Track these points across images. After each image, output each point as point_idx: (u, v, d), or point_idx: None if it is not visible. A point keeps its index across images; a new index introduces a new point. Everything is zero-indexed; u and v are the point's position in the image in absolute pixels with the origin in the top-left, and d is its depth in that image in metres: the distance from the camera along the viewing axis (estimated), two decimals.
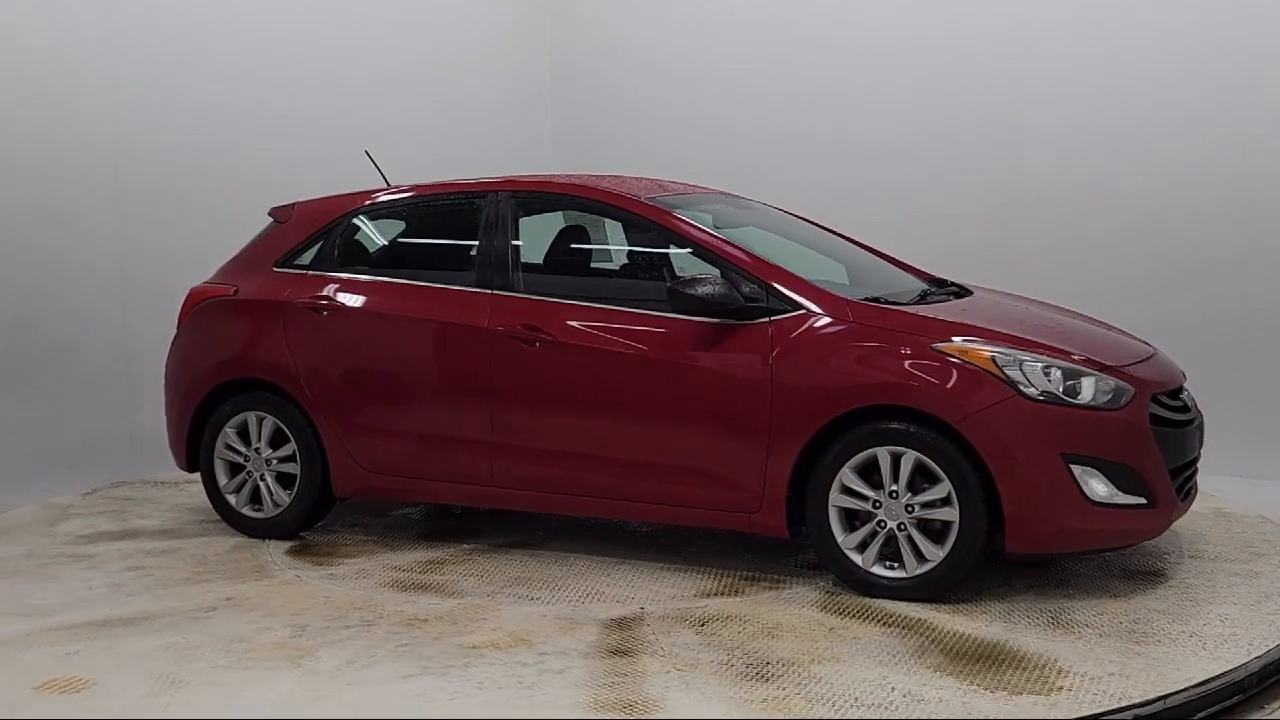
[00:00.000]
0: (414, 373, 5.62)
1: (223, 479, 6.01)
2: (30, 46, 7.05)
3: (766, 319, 5.02)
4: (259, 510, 5.95)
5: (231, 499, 5.99)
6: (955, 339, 4.84)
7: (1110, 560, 5.29)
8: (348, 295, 5.76)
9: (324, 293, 5.80)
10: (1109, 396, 4.75)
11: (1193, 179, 7.06)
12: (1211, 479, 5.78)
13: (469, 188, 5.86)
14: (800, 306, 5.00)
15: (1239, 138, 6.88)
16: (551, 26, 9.63)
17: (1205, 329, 7.06)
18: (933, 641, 4.38)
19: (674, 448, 5.14)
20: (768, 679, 4.06)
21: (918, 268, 5.97)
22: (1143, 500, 4.75)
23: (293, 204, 6.19)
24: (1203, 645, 4.31)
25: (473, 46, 9.27)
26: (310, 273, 5.91)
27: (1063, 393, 4.71)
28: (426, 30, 8.93)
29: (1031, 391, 4.67)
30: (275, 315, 5.87)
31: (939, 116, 7.77)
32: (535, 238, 5.81)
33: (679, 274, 5.19)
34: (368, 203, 6.00)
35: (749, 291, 5.04)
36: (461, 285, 5.60)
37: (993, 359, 4.73)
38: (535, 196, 5.74)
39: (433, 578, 5.28)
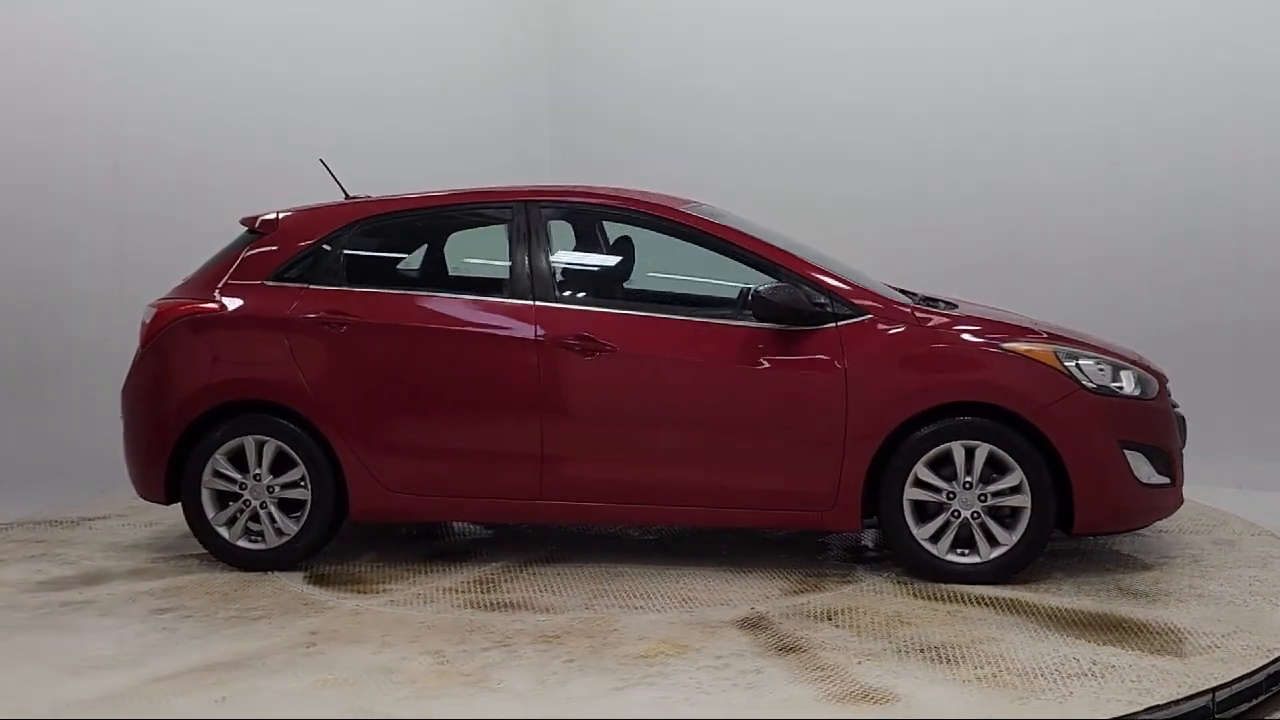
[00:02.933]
0: (450, 387, 5.44)
1: (211, 510, 5.56)
2: (30, 64, 7.08)
3: (833, 324, 5.22)
4: (257, 541, 5.55)
5: (224, 531, 5.55)
6: (1019, 338, 5.23)
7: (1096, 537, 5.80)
8: (368, 309, 5.50)
9: (339, 307, 5.50)
10: (1143, 388, 5.28)
11: (1191, 194, 7.39)
12: (1215, 489, 6.42)
13: (493, 196, 5.72)
14: (866, 311, 5.25)
15: (1237, 152, 7.21)
16: (551, 46, 9.54)
17: (1202, 342, 7.36)
18: (1052, 617, 4.74)
19: (746, 452, 5.26)
20: (956, 661, 4.27)
21: (887, 283, 6.28)
22: (1168, 481, 5.31)
23: (274, 213, 5.81)
24: (1273, 603, 4.91)
25: (472, 63, 9.28)
26: (314, 286, 5.57)
27: (1111, 385, 5.19)
28: (426, 50, 9.00)
29: (1090, 385, 5.13)
30: (278, 332, 5.51)
31: (937, 134, 8.01)
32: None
33: (764, 283, 5.27)
34: (374, 212, 5.72)
35: (815, 297, 5.24)
36: (497, 296, 5.47)
37: (1055, 355, 5.15)
38: (571, 207, 5.69)
39: (506, 596, 5.14)
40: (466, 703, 3.97)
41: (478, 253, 5.89)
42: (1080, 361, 5.18)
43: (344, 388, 5.45)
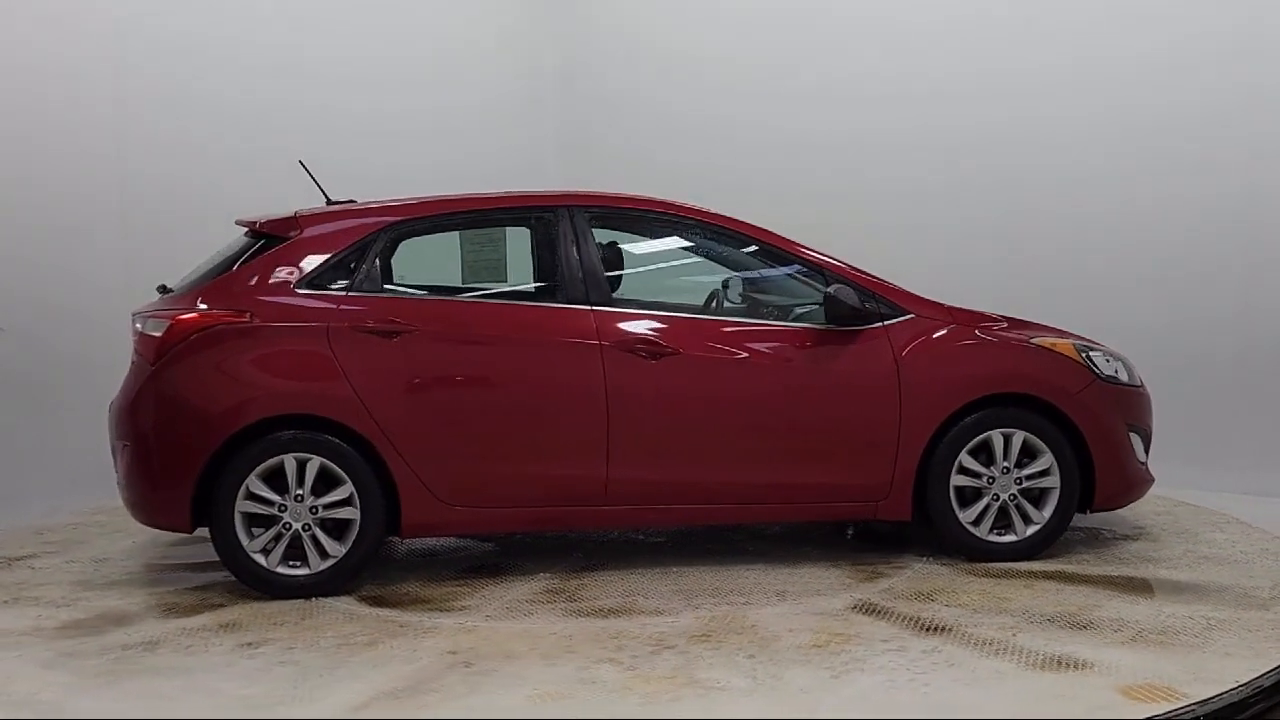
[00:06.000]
0: (511, 395, 5.30)
1: (245, 537, 5.16)
2: (34, 67, 7.07)
3: (881, 323, 5.52)
4: (297, 567, 5.20)
5: (260, 559, 5.17)
6: (1042, 333, 5.71)
7: None
8: (420, 316, 5.29)
9: (387, 314, 5.26)
10: (1131, 375, 5.89)
11: (1198, 203, 7.24)
12: (1218, 496, 6.75)
13: (530, 201, 5.64)
14: (908, 310, 5.57)
15: (1244, 165, 7.04)
16: (554, 30, 9.40)
17: (1208, 350, 7.25)
18: (1115, 584, 5.21)
19: (808, 448, 5.45)
20: (1090, 627, 4.63)
21: None
22: (1145, 460, 5.94)
23: (290, 215, 5.47)
24: (1274, 557, 5.60)
25: (479, 93, 9.28)
26: (355, 293, 5.30)
27: (1116, 374, 5.77)
28: (434, 73, 8.98)
29: (1103, 375, 5.68)
30: (320, 342, 5.20)
31: (944, 154, 7.98)
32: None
33: (833, 285, 5.46)
34: (412, 215, 5.49)
35: (863, 298, 5.51)
36: (550, 302, 5.42)
37: (1075, 348, 5.67)
38: (613, 212, 5.68)
39: (596, 603, 5.08)
40: (707, 704, 3.95)
41: (521, 257, 5.73)
42: (1091, 353, 5.70)
43: (397, 399, 5.21)
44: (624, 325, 5.35)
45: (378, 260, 5.37)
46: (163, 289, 5.63)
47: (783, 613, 4.88)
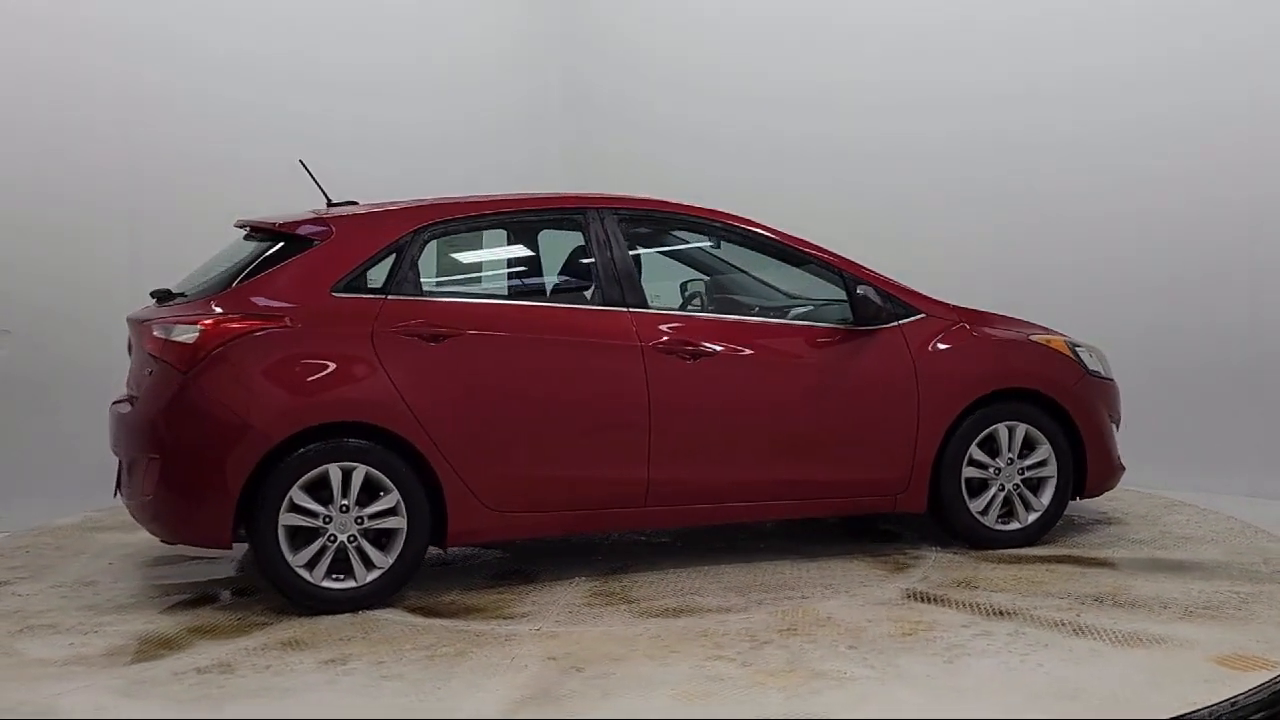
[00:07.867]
0: (558, 398, 5.26)
1: (289, 551, 4.97)
2: (41, 77, 7.14)
3: (895, 323, 5.72)
4: (343, 580, 5.04)
5: (305, 573, 4.98)
6: (1036, 330, 6.02)
7: None
8: (465, 319, 5.19)
9: (431, 318, 5.15)
10: (1107, 368, 6.27)
11: (1204, 204, 7.32)
12: (1224, 499, 6.98)
13: (561, 202, 5.61)
14: (919, 310, 5.79)
15: (1246, 163, 7.18)
16: (560, 40, 9.17)
17: (1215, 350, 7.36)
18: (1131, 566, 5.54)
19: (837, 444, 5.60)
20: (1134, 606, 4.91)
21: None
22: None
23: (320, 216, 5.29)
24: (1247, 537, 6.04)
25: (480, 60, 9.08)
26: (394, 297, 5.17)
27: (1098, 368, 6.14)
28: (436, 44, 8.92)
29: (1090, 369, 6.04)
30: (364, 347, 5.05)
31: (951, 147, 8.06)
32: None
33: (860, 286, 5.61)
34: (444, 217, 5.38)
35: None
36: (587, 304, 5.42)
37: (1067, 344, 6.01)
38: (644, 215, 5.69)
39: (656, 603, 5.07)
40: (848, 694, 4.01)
41: (556, 259, 5.67)
42: (1079, 349, 6.05)
43: (444, 404, 5.10)
44: (661, 327, 5.39)
45: (417, 262, 5.24)
46: (163, 294, 5.36)
47: (846, 604, 5.00)
